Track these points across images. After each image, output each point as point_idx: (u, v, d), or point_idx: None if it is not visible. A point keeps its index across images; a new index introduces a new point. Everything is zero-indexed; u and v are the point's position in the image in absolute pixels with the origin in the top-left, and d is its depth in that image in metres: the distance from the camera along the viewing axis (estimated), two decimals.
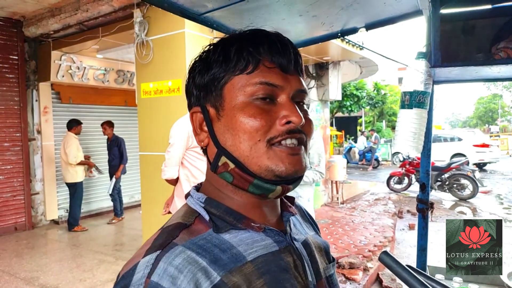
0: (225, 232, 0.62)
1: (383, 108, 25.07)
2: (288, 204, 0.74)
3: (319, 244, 0.78)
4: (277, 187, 0.63)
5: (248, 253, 0.60)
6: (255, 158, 0.61)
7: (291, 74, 0.65)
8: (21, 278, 4.36)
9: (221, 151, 0.64)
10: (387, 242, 5.43)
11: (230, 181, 0.64)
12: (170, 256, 0.54)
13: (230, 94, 0.64)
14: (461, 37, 1.35)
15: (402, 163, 10.36)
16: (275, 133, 0.61)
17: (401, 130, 1.53)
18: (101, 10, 4.99)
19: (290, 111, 0.62)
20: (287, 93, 0.63)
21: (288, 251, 0.65)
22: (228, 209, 0.64)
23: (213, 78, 0.65)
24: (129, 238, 5.95)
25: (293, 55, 0.65)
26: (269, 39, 0.64)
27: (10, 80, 6.36)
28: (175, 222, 0.62)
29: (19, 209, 6.51)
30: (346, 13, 1.59)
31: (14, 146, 6.45)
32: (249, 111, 0.62)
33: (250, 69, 0.63)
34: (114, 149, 6.92)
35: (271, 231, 0.65)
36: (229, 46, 0.65)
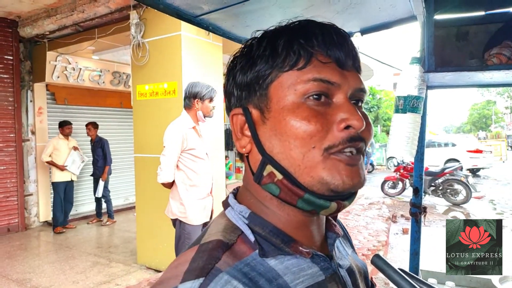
0: (271, 258, 0.54)
1: (378, 112, 25.19)
2: (333, 222, 0.66)
3: (360, 268, 0.70)
4: (332, 204, 0.54)
5: (295, 284, 0.52)
6: (307, 168, 0.53)
7: (349, 71, 0.56)
8: (13, 280, 4.32)
9: (267, 158, 0.56)
10: (380, 246, 5.44)
11: (277, 194, 0.56)
12: (215, 287, 0.46)
13: (277, 93, 0.55)
14: (455, 43, 1.37)
15: (397, 167, 10.41)
16: (334, 141, 0.52)
17: (395, 135, 1.54)
18: (97, 11, 4.98)
19: (349, 113, 0.53)
20: (345, 92, 0.55)
21: (333, 280, 0.58)
22: (275, 229, 0.56)
23: (257, 75, 0.57)
24: (123, 240, 5.92)
25: (351, 49, 0.56)
26: (323, 30, 0.55)
27: (4, 80, 6.33)
28: (216, 240, 0.53)
29: (12, 210, 6.46)
30: (341, 17, 1.60)
31: (8, 147, 6.40)
32: (302, 113, 0.53)
33: (301, 64, 0.54)
34: (98, 150, 6.90)
35: (318, 257, 0.57)
36: (276, 39, 0.56)
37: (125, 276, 4.36)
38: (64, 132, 6.42)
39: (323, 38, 0.54)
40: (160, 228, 4.40)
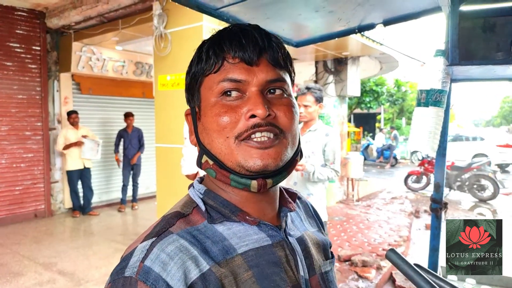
0: (219, 224, 0.63)
1: (403, 105, 24.66)
2: (289, 200, 0.74)
3: (318, 240, 0.78)
4: (253, 181, 0.63)
5: (239, 246, 0.62)
6: (227, 155, 0.63)
7: (257, 66, 0.63)
8: (40, 264, 4.48)
9: (202, 149, 0.67)
10: (402, 241, 5.37)
11: (214, 176, 0.66)
12: (163, 243, 0.57)
13: (204, 94, 0.66)
14: (481, 35, 1.31)
15: (421, 161, 10.19)
16: (241, 129, 0.61)
17: (416, 129, 1.50)
18: (121, 2, 5.04)
19: (253, 104, 0.61)
20: (254, 85, 0.63)
21: (280, 245, 0.66)
22: (224, 201, 0.66)
23: (191, 80, 0.68)
24: (144, 228, 5.99)
25: (260, 46, 0.63)
26: (231, 35, 0.64)
27: (32, 70, 6.51)
28: (174, 211, 0.65)
29: (39, 196, 6.69)
30: (363, 9, 1.56)
31: (36, 135, 6.61)
32: (216, 110, 0.63)
33: (216, 68, 0.64)
34: (134, 140, 7.12)
35: (265, 225, 0.66)
36: (202, 47, 0.67)
37: None
38: (70, 121, 6.54)
39: (230, 42, 0.63)
40: None
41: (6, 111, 6.19)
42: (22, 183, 6.44)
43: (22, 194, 6.45)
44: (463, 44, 1.32)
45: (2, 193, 6.20)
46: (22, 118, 6.40)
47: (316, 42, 1.97)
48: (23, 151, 6.43)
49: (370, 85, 17.40)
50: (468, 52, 1.32)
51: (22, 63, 6.36)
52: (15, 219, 6.31)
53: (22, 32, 6.31)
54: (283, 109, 0.65)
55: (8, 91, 6.19)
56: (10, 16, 6.13)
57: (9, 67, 6.19)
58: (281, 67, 0.66)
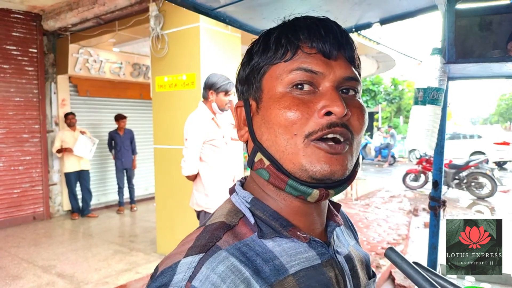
0: (269, 239, 0.58)
1: (401, 104, 24.73)
2: (335, 213, 0.68)
3: (361, 257, 0.73)
4: (314, 191, 0.56)
5: (291, 266, 0.56)
6: (290, 155, 0.56)
7: (335, 60, 0.58)
8: (39, 266, 4.47)
9: (257, 146, 0.60)
10: (401, 239, 5.38)
11: (267, 178, 0.59)
12: (213, 262, 0.51)
13: (268, 84, 0.59)
14: (478, 33, 1.32)
15: (419, 160, 10.22)
16: (314, 127, 0.55)
17: (414, 127, 1.51)
18: (117, 4, 5.04)
19: (330, 100, 0.55)
20: (330, 81, 0.57)
21: (330, 265, 0.61)
22: (274, 213, 0.60)
23: (253, 69, 0.62)
24: (143, 229, 6.04)
25: (340, 40, 0.58)
26: (310, 24, 0.58)
27: (29, 72, 6.49)
28: (219, 221, 0.58)
29: (38, 199, 6.67)
30: (360, 8, 1.57)
31: (33, 138, 6.59)
32: (285, 102, 0.56)
33: (288, 56, 0.58)
34: (127, 142, 7.13)
35: (316, 242, 0.61)
36: (269, 35, 0.61)
37: (146, 265, 4.45)
38: (66, 122, 6.56)
39: (308, 31, 0.57)
40: (179, 218, 4.46)
41: (4, 113, 6.17)
42: (21, 185, 6.43)
43: (21, 197, 6.44)
44: (459, 42, 1.33)
45: (0, 196, 6.18)
46: (19, 121, 6.38)
47: None
48: (21, 153, 6.42)
49: (367, 84, 17.45)
50: (464, 50, 1.33)
51: (19, 66, 6.35)
52: (14, 222, 6.29)
53: (18, 35, 6.30)
54: (356, 111, 0.58)
55: (5, 94, 6.17)
56: (6, 18, 6.12)
57: (6, 69, 6.17)
58: (355, 67, 0.62)
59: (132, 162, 7.23)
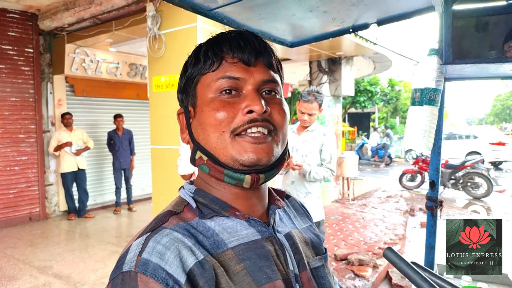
0: (210, 220, 0.66)
1: (397, 104, 24.80)
2: (277, 198, 0.78)
3: (306, 238, 0.80)
4: (246, 176, 0.66)
5: (230, 241, 0.64)
6: (222, 149, 0.66)
7: (254, 66, 0.68)
8: (35, 267, 4.45)
9: (196, 145, 0.70)
10: (398, 239, 5.40)
11: (208, 172, 0.69)
12: (158, 236, 0.59)
13: (201, 92, 0.69)
14: (474, 34, 1.33)
15: (415, 160, 10.25)
16: (238, 123, 0.65)
17: (411, 128, 1.51)
18: (114, 4, 5.02)
19: (251, 100, 0.65)
20: (251, 84, 0.67)
21: (269, 240, 0.69)
22: (214, 198, 0.69)
23: (188, 79, 0.72)
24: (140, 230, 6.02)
25: (257, 49, 0.68)
26: (230, 38, 0.69)
27: (25, 72, 6.46)
28: (166, 210, 0.67)
29: (34, 199, 6.64)
30: (357, 9, 1.57)
31: (29, 138, 6.56)
32: (214, 105, 0.66)
33: (215, 67, 0.68)
34: (125, 142, 7.09)
35: (255, 221, 0.69)
36: (199, 49, 0.71)
37: None
38: (63, 122, 6.55)
39: (230, 44, 0.68)
40: None
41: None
42: (17, 186, 6.39)
43: (17, 197, 6.40)
44: (456, 43, 1.33)
45: None
46: (15, 121, 6.35)
47: (310, 42, 1.98)
48: (17, 154, 6.38)
49: (364, 85, 17.47)
50: (461, 51, 1.34)
51: (15, 66, 6.32)
52: (10, 222, 6.26)
53: (14, 34, 6.27)
54: (276, 107, 0.69)
55: (1, 94, 6.14)
56: (2, 18, 6.08)
57: (2, 69, 6.14)
58: (274, 71, 0.71)
59: (130, 162, 7.21)
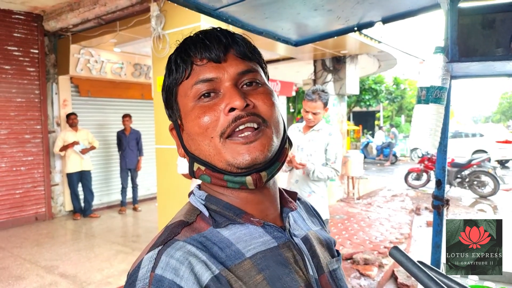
0: (224, 228, 0.62)
1: (402, 103, 24.69)
2: (289, 199, 0.74)
3: (321, 239, 0.78)
4: (247, 177, 0.62)
5: (247, 250, 0.61)
6: (216, 156, 0.62)
7: (225, 62, 0.64)
8: (42, 267, 4.48)
9: (191, 157, 0.67)
10: (403, 238, 5.37)
11: (209, 181, 0.65)
12: (171, 250, 0.56)
13: (182, 103, 0.66)
14: (480, 31, 1.31)
15: (421, 159, 10.20)
16: (224, 125, 0.61)
17: (417, 126, 1.50)
18: (118, 4, 5.04)
19: (230, 97, 0.61)
20: (227, 80, 0.63)
21: (287, 246, 0.65)
22: (227, 204, 0.65)
23: (167, 92, 0.69)
24: (145, 230, 6.05)
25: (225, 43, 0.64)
26: (194, 40, 0.66)
27: (31, 73, 6.50)
28: (178, 220, 0.64)
29: (40, 199, 6.68)
30: (362, 7, 1.56)
31: (35, 138, 6.60)
32: (195, 112, 0.63)
33: (187, 74, 0.65)
34: (132, 142, 7.10)
35: (270, 227, 0.65)
36: (170, 59, 0.68)
37: None
38: (69, 122, 6.56)
39: (195, 46, 0.65)
40: None
41: (5, 114, 6.18)
42: (23, 186, 6.44)
43: (23, 198, 6.44)
44: (462, 40, 1.32)
45: (2, 197, 6.19)
46: (21, 121, 6.39)
47: (315, 41, 1.97)
48: (22, 154, 6.42)
49: (369, 83, 17.42)
50: (467, 49, 1.33)
51: (21, 66, 6.36)
52: (16, 222, 6.30)
53: (20, 35, 6.30)
54: (260, 97, 0.65)
55: (7, 95, 6.18)
56: (8, 19, 6.12)
57: (8, 70, 6.18)
58: (250, 59, 0.67)
59: (137, 163, 7.21)
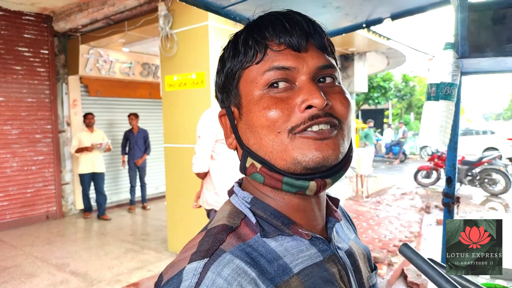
0: (271, 238, 0.57)
1: (411, 100, 24.47)
2: (334, 208, 0.68)
3: (362, 251, 0.73)
4: (311, 183, 0.55)
5: (294, 265, 0.55)
6: (279, 153, 0.55)
7: (306, 52, 0.57)
8: (53, 265, 4.54)
9: (246, 151, 0.60)
10: (413, 237, 5.34)
11: (262, 181, 0.58)
12: (218, 266, 0.50)
13: (245, 89, 0.59)
14: (491, 27, 1.30)
15: (431, 157, 10.11)
16: (296, 122, 0.54)
17: (427, 123, 1.49)
18: (127, 4, 5.07)
19: (308, 93, 0.54)
20: (305, 73, 0.56)
21: (332, 261, 0.60)
22: (275, 212, 0.59)
23: (227, 76, 0.61)
24: (154, 228, 6.09)
25: (307, 31, 0.57)
26: (272, 20, 0.57)
27: (41, 74, 6.57)
28: (221, 224, 0.57)
29: (50, 198, 6.76)
30: (371, 3, 1.55)
31: (46, 138, 6.68)
32: (264, 103, 0.56)
33: (259, 58, 0.57)
34: (140, 141, 7.11)
35: (317, 239, 0.60)
36: (237, 38, 0.61)
37: (157, 263, 4.48)
38: (85, 122, 6.54)
39: (273, 27, 0.56)
40: (190, 217, 4.48)
41: (17, 114, 6.26)
42: (34, 185, 6.52)
43: (34, 196, 6.53)
44: (472, 36, 1.31)
45: (14, 196, 6.28)
46: (32, 121, 6.47)
47: None
48: (33, 153, 6.50)
49: (378, 81, 17.31)
50: (478, 45, 1.31)
51: (31, 67, 6.43)
52: (27, 221, 6.39)
53: (30, 36, 6.38)
54: (338, 97, 0.58)
55: (18, 95, 6.26)
56: (18, 21, 6.20)
57: (18, 71, 6.26)
58: (329, 54, 0.61)
59: (141, 158, 7.15)
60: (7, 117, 6.17)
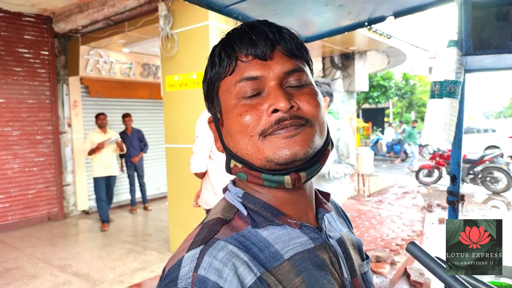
0: (262, 228, 0.62)
1: (412, 99, 24.43)
2: (323, 201, 0.73)
3: (353, 241, 0.77)
4: (286, 177, 0.60)
5: (285, 251, 0.60)
6: (254, 153, 0.61)
7: (271, 60, 0.61)
8: (55, 266, 4.53)
9: (228, 153, 0.66)
10: (415, 236, 5.33)
11: (245, 179, 0.64)
12: (213, 250, 0.55)
13: (223, 98, 0.65)
14: (495, 24, 1.29)
15: (432, 155, 10.10)
16: (265, 125, 0.59)
17: (430, 121, 1.48)
18: (127, 4, 5.06)
19: (274, 98, 0.59)
20: (272, 79, 0.61)
21: (323, 248, 0.65)
22: (265, 204, 0.64)
23: (208, 86, 0.68)
24: (156, 229, 6.08)
25: (272, 39, 0.62)
26: (240, 33, 0.63)
27: (41, 75, 6.57)
28: (215, 217, 0.63)
29: (52, 199, 6.76)
30: (374, 2, 1.55)
31: (46, 139, 6.67)
32: (237, 110, 0.62)
33: (231, 69, 0.63)
34: (135, 141, 7.04)
35: (307, 228, 0.64)
36: (213, 51, 0.67)
37: (159, 264, 4.48)
38: (98, 123, 6.25)
39: (241, 40, 0.62)
40: (192, 217, 4.47)
41: (17, 116, 6.26)
42: (35, 186, 6.52)
43: (35, 198, 6.52)
44: (476, 33, 1.30)
45: (15, 197, 6.28)
46: (33, 123, 6.47)
47: (325, 37, 1.95)
48: (34, 155, 6.50)
49: (378, 80, 17.29)
50: (481, 42, 1.30)
51: (31, 68, 6.43)
52: (29, 222, 6.39)
53: (30, 38, 6.37)
54: (305, 98, 0.62)
55: (19, 96, 6.26)
56: (18, 22, 6.20)
57: (19, 72, 6.26)
58: (297, 57, 0.65)
59: (136, 156, 7.02)
60: (8, 118, 6.17)
